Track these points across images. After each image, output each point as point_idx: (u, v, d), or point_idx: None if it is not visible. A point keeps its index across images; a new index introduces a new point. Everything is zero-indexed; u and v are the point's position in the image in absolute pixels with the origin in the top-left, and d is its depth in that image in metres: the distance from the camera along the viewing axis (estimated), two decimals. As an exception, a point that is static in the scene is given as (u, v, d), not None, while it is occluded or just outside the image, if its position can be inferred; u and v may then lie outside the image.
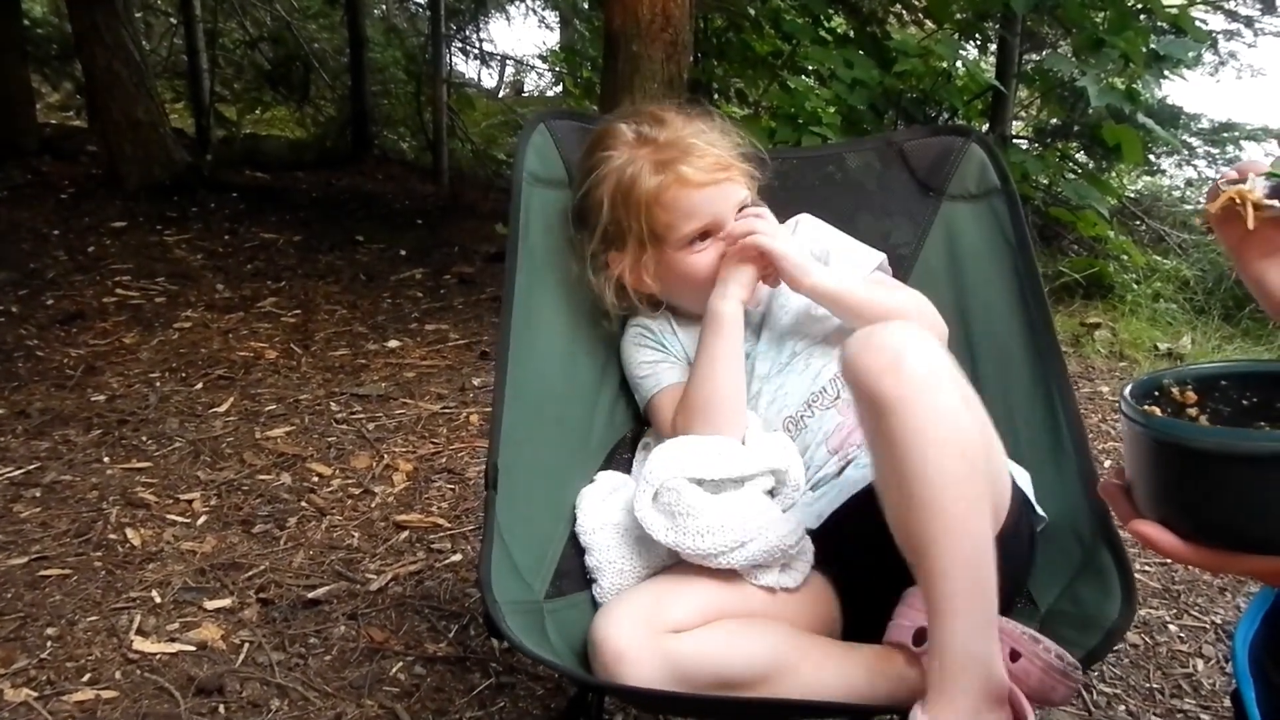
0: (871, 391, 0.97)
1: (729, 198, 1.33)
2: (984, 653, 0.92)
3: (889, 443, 0.96)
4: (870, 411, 0.98)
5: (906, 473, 0.95)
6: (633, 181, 1.32)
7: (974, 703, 0.91)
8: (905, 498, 0.96)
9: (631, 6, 2.85)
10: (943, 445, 0.95)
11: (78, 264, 3.84)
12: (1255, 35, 5.22)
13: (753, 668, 1.03)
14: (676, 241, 1.33)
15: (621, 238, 1.35)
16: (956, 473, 0.95)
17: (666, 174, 1.30)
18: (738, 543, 1.12)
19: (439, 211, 5.18)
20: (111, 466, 2.26)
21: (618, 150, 1.35)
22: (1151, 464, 0.67)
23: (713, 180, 1.32)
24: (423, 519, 2.09)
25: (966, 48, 4.79)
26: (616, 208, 1.34)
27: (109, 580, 1.81)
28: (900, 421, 0.94)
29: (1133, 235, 4.97)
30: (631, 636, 1.04)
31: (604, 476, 1.35)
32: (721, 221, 1.33)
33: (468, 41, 7.52)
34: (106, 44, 4.66)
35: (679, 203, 1.31)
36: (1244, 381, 0.74)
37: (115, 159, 4.85)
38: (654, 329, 1.43)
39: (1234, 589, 1.94)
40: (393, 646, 1.66)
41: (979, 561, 0.94)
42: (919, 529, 0.95)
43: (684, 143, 1.32)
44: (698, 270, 1.34)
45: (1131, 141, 3.67)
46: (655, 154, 1.32)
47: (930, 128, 1.53)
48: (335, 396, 2.71)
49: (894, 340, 0.99)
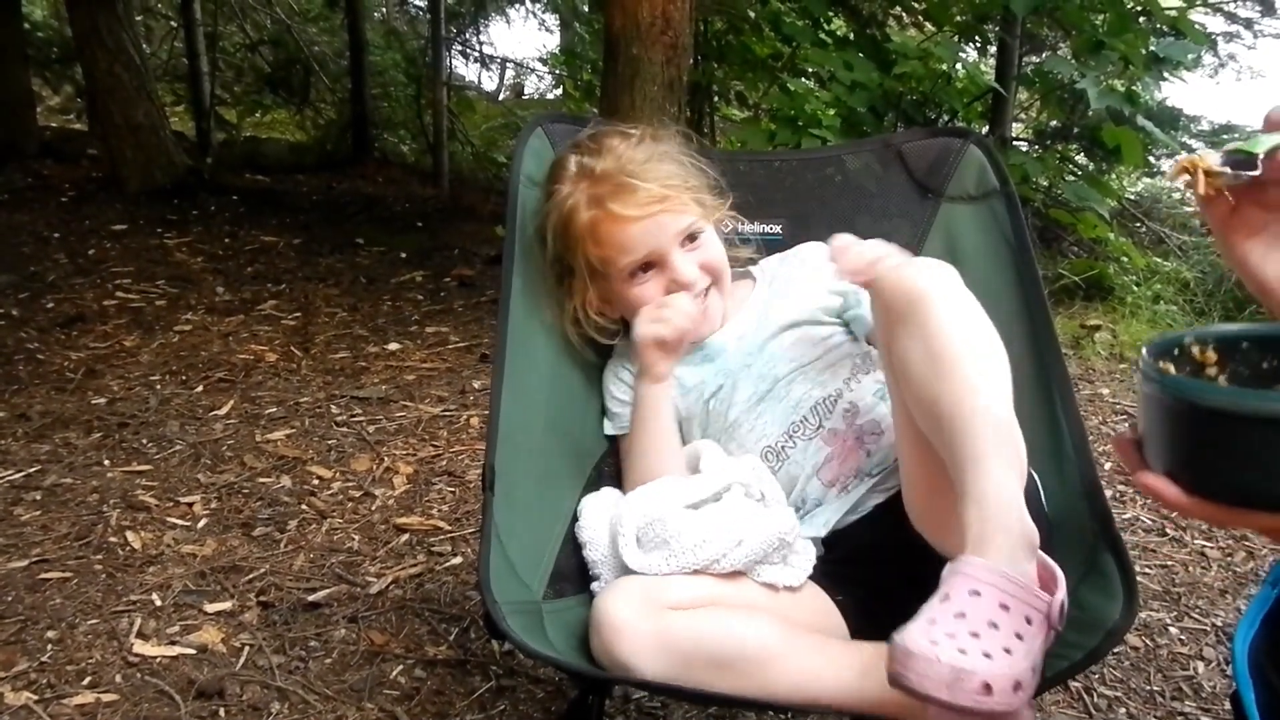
0: (914, 287, 1.06)
1: (665, 229, 1.33)
2: (1017, 501, 0.93)
3: (926, 328, 1.03)
4: (904, 306, 1.06)
5: (945, 348, 1.01)
6: (570, 216, 1.34)
7: (1013, 545, 0.90)
8: (936, 370, 1.01)
9: (631, 9, 2.85)
10: (974, 322, 1.05)
11: (78, 267, 3.84)
12: (1255, 37, 5.22)
13: (745, 649, 1.03)
14: (617, 275, 1.35)
15: (570, 274, 1.38)
16: (987, 347, 1.04)
17: (598, 209, 1.32)
18: (735, 541, 1.13)
19: (439, 214, 5.18)
20: (112, 469, 2.26)
21: (562, 184, 1.37)
22: (1162, 420, 0.69)
23: (646, 214, 1.32)
24: (423, 522, 2.09)
25: (966, 50, 4.80)
26: (558, 241, 1.37)
27: (109, 583, 1.81)
28: (942, 308, 1.04)
29: (1133, 237, 4.97)
30: (630, 611, 1.05)
31: (607, 491, 1.35)
32: (662, 253, 1.33)
33: (468, 44, 7.53)
34: (107, 47, 4.67)
35: (612, 238, 1.33)
36: (1265, 344, 0.75)
37: (116, 162, 4.85)
38: (630, 365, 1.42)
39: (1234, 591, 1.94)
40: (393, 649, 1.66)
41: (1008, 420, 0.99)
42: (949, 394, 0.99)
43: (618, 177, 1.33)
44: (641, 303, 1.35)
45: (1131, 143, 3.67)
46: (590, 188, 1.34)
47: (929, 129, 1.53)
48: (335, 399, 2.71)
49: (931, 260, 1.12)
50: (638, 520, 1.16)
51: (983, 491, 0.93)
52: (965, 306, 1.06)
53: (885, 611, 1.10)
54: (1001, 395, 1.01)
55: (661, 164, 1.36)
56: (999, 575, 0.87)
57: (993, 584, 0.87)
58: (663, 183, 1.34)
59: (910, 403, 1.06)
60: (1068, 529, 1.15)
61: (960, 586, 0.87)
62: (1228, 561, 2.05)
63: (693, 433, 1.40)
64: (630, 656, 1.02)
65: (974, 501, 0.93)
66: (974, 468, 0.94)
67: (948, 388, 0.99)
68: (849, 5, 4.33)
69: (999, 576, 0.87)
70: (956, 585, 0.87)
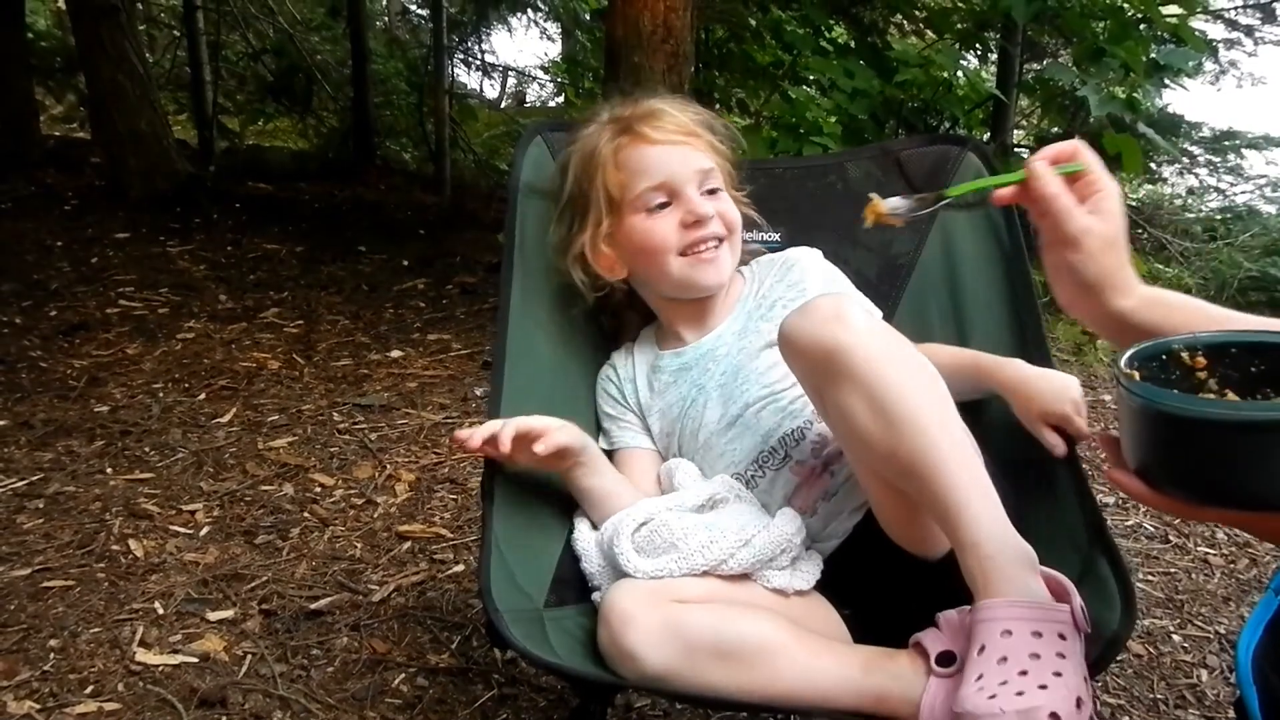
0: (824, 344, 1.05)
1: (688, 162, 1.33)
2: (1007, 529, 0.97)
3: (856, 381, 1.02)
4: (824, 365, 1.05)
5: (884, 398, 1.01)
6: (593, 148, 1.35)
7: (1018, 572, 0.94)
8: (889, 423, 1.01)
9: (633, 18, 2.86)
10: (906, 363, 1.05)
11: (81, 275, 3.84)
12: (1255, 44, 5.24)
13: (750, 642, 1.03)
14: (632, 203, 1.33)
15: (584, 211, 1.36)
16: (925, 384, 1.04)
17: (624, 135, 1.34)
18: (741, 542, 1.13)
19: (441, 222, 5.19)
20: (114, 477, 2.26)
21: (589, 126, 1.39)
22: (1129, 421, 0.74)
23: (670, 140, 1.33)
24: (425, 529, 2.09)
25: (967, 57, 4.80)
26: (579, 179, 1.36)
27: (112, 592, 1.81)
28: (863, 357, 1.02)
29: (1134, 244, 4.95)
30: (638, 602, 1.05)
31: None
32: (678, 185, 1.32)
33: (470, 53, 7.55)
34: (110, 56, 4.68)
35: (631, 160, 1.33)
36: (1253, 350, 0.79)
37: (118, 170, 4.86)
38: (619, 371, 1.44)
39: (1238, 598, 1.94)
40: (395, 658, 1.66)
41: (972, 459, 1.01)
42: (911, 446, 1.00)
43: (649, 109, 1.35)
44: (653, 237, 1.33)
45: (1132, 150, 3.67)
46: (618, 122, 1.36)
47: (927, 136, 1.54)
48: (338, 407, 2.71)
49: (828, 302, 1.09)
50: (633, 526, 1.15)
51: (974, 539, 0.96)
52: (882, 345, 1.05)
53: (885, 623, 1.10)
54: (952, 424, 1.02)
55: (697, 114, 1.39)
56: (1021, 608, 0.91)
57: (1019, 618, 0.90)
58: (693, 122, 1.36)
59: (862, 452, 1.07)
60: (1062, 538, 1.15)
61: (991, 632, 0.91)
62: (1231, 568, 2.05)
63: (670, 447, 1.40)
64: (636, 644, 1.02)
65: (970, 549, 0.96)
66: (958, 517, 0.97)
67: (904, 442, 1.00)
68: (850, 13, 4.33)
69: (1021, 609, 0.91)
70: (987, 632, 0.91)
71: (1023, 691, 0.85)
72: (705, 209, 1.33)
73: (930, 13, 4.22)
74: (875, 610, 1.18)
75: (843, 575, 1.21)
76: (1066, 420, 1.18)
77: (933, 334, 1.44)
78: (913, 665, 1.01)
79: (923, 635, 1.03)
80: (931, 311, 1.48)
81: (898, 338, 1.08)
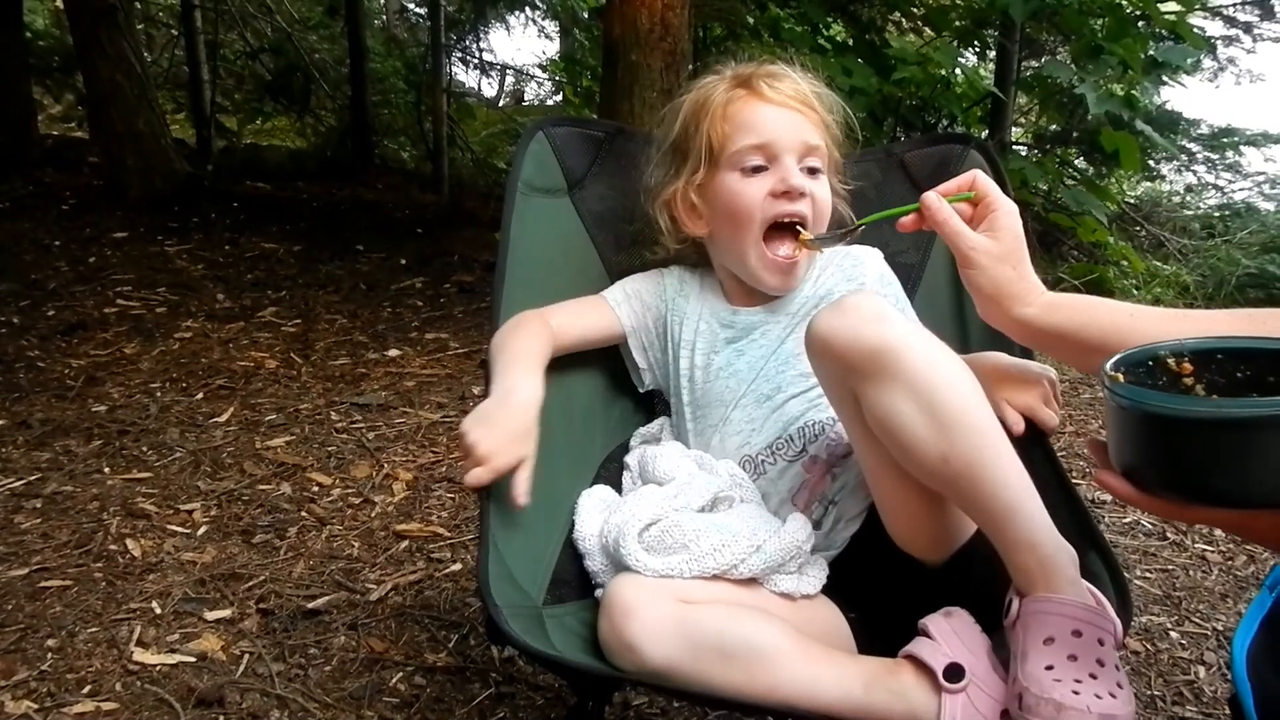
0: (868, 343, 1.02)
1: (797, 131, 1.29)
2: (1055, 532, 0.99)
3: (905, 382, 1.00)
4: (868, 365, 1.02)
5: (937, 400, 0.99)
6: (706, 97, 1.32)
7: (1074, 575, 0.97)
8: (942, 425, 0.99)
9: (630, 16, 2.86)
10: (952, 364, 1.03)
11: (79, 274, 3.84)
12: (1254, 41, 5.24)
13: (753, 643, 1.02)
14: (729, 159, 1.29)
15: (684, 157, 1.33)
16: (973, 386, 1.02)
17: (740, 88, 1.30)
18: (753, 548, 1.11)
19: (439, 221, 5.19)
20: (112, 477, 2.26)
21: (709, 79, 1.35)
22: (1114, 423, 0.75)
23: (783, 103, 1.28)
24: (423, 528, 2.09)
25: (965, 55, 4.80)
26: (687, 124, 1.33)
27: (109, 591, 1.81)
28: (910, 356, 1.01)
29: (1132, 241, 4.98)
30: (642, 595, 1.04)
31: (599, 489, 1.33)
32: (778, 150, 1.27)
33: (468, 51, 7.55)
34: (108, 56, 4.68)
35: (741, 114, 1.29)
36: (1238, 356, 0.80)
37: (116, 170, 4.86)
38: (685, 281, 1.42)
39: (1235, 595, 1.94)
40: (392, 657, 1.66)
41: (1018, 460, 1.01)
42: (965, 448, 0.99)
43: (772, 70, 1.32)
44: (740, 199, 1.28)
45: (1130, 148, 3.68)
46: (738, 77, 1.33)
47: (929, 136, 1.53)
48: (335, 406, 2.71)
49: (870, 300, 1.07)
50: (639, 527, 1.14)
51: (1031, 538, 0.97)
52: (927, 345, 1.04)
53: (890, 626, 1.10)
54: (999, 429, 1.02)
55: (821, 90, 1.35)
56: (1091, 613, 0.94)
57: (1089, 621, 0.93)
58: (812, 94, 1.32)
59: (902, 458, 1.04)
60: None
61: (1062, 628, 0.93)
62: (1228, 565, 2.05)
63: (683, 395, 1.37)
64: (638, 636, 1.01)
65: (1026, 549, 0.97)
66: (1013, 517, 0.98)
67: (958, 446, 0.99)
68: (848, 11, 4.33)
69: (1091, 614, 0.94)
70: (1057, 625, 0.93)
71: (1100, 695, 0.87)
72: (799, 181, 1.27)
73: (928, 10, 4.22)
74: (880, 613, 1.18)
75: (845, 580, 1.21)
76: (1030, 410, 1.19)
77: (945, 337, 1.44)
78: (917, 682, 0.99)
79: (917, 647, 1.01)
80: (943, 314, 1.48)
81: (937, 340, 1.06)
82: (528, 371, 1.23)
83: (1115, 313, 0.99)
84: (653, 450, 1.33)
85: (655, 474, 1.27)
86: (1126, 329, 0.96)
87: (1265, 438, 0.67)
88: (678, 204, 1.34)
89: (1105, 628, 0.94)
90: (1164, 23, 3.73)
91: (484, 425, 1.15)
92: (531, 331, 1.29)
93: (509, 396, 1.20)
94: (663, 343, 1.41)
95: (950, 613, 1.03)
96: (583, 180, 1.50)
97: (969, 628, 1.01)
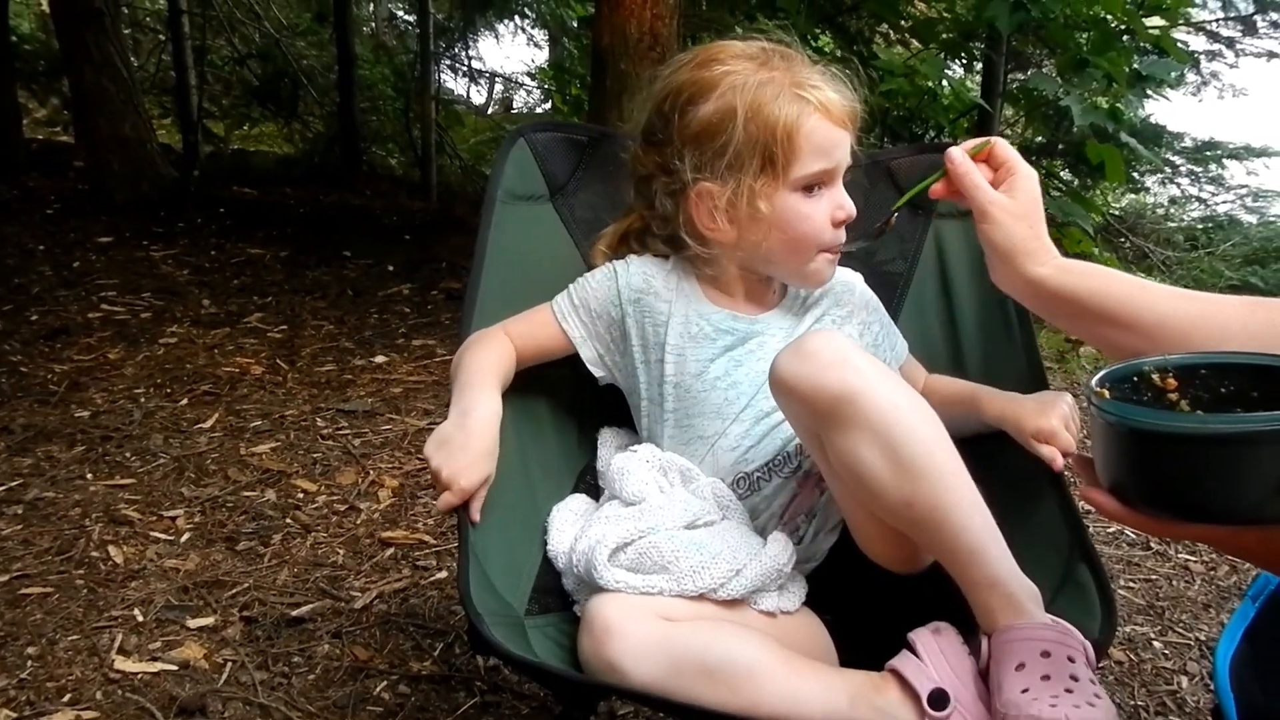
0: (830, 390, 1.01)
1: (848, 152, 1.24)
2: (1019, 570, 1.01)
3: (868, 430, 1.00)
4: (831, 412, 1.02)
5: (901, 447, 0.99)
6: (772, 99, 1.19)
7: (1036, 606, 0.99)
8: (906, 472, 0.99)
9: (619, 26, 2.87)
10: (915, 410, 1.02)
11: (63, 279, 3.82)
12: (1237, 56, 5.29)
13: (736, 661, 1.01)
14: (796, 180, 1.21)
15: (738, 162, 1.21)
16: (937, 432, 1.02)
17: (805, 100, 1.19)
18: (732, 571, 1.10)
19: (427, 227, 5.18)
20: (95, 483, 2.24)
21: (741, 67, 1.22)
22: (1100, 439, 0.75)
23: (844, 124, 1.23)
24: (408, 535, 2.08)
25: (952, 67, 4.83)
26: (749, 124, 1.19)
27: (90, 599, 1.79)
28: (872, 403, 1.00)
29: (1117, 252, 5.01)
30: (624, 614, 1.03)
31: (573, 500, 1.31)
32: (837, 174, 1.24)
33: (456, 59, 7.56)
34: (94, 60, 4.66)
35: (816, 134, 1.20)
36: (1222, 371, 0.80)
37: (102, 174, 4.84)
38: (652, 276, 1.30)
39: (1218, 605, 1.95)
40: (377, 665, 1.65)
41: (981, 502, 1.02)
42: (929, 495, 1.00)
43: (823, 75, 1.23)
44: (808, 218, 1.22)
45: (1114, 160, 3.70)
46: (791, 77, 1.21)
47: (917, 145, 1.53)
48: (321, 412, 2.70)
49: (831, 342, 1.05)
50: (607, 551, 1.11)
51: (994, 579, 0.99)
52: (890, 391, 1.02)
53: (865, 630, 1.10)
54: (961, 469, 1.02)
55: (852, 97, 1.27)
56: (1055, 632, 0.96)
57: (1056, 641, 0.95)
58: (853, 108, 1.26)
59: (869, 498, 1.04)
60: (1043, 543, 1.16)
61: (1031, 651, 0.94)
62: (1211, 575, 2.06)
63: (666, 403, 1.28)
64: (619, 656, 0.99)
65: (988, 588, 1.00)
66: (975, 559, 1.00)
67: (920, 491, 1.00)
68: (836, 22, 4.36)
69: (1056, 633, 0.96)
70: (1026, 650, 0.94)
71: (1079, 705, 0.88)
72: (851, 207, 1.24)
73: (916, 23, 4.25)
74: (862, 621, 1.18)
75: (825, 590, 1.21)
76: (1053, 435, 1.18)
77: (934, 347, 1.44)
78: (902, 701, 0.98)
79: (902, 665, 1.01)
80: (932, 324, 1.47)
81: (901, 381, 1.06)
82: (484, 389, 1.21)
83: (1126, 284, 1.00)
84: (620, 463, 1.26)
85: (623, 492, 1.22)
86: (1137, 299, 0.98)
87: (1250, 452, 0.67)
88: (717, 204, 1.23)
89: (1072, 645, 0.95)
90: (1148, 37, 3.77)
91: (445, 449, 1.14)
92: (489, 348, 1.27)
93: (466, 417, 1.18)
94: (623, 346, 1.32)
95: (939, 629, 1.03)
96: (566, 186, 1.47)
97: (956, 648, 1.01)
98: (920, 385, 1.38)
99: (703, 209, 1.24)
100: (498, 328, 1.31)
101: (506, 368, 1.27)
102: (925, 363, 1.42)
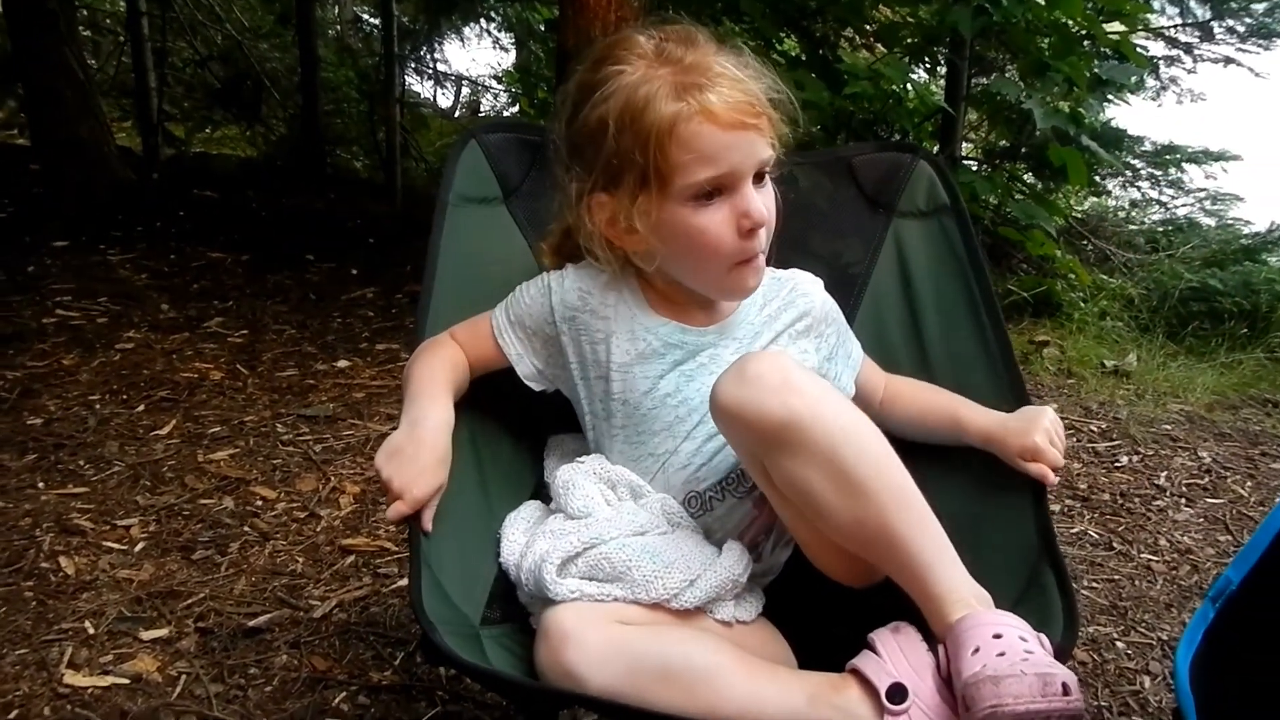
0: (774, 416, 1.00)
1: (753, 152, 1.12)
2: (970, 579, 1.00)
3: (813, 454, 1.00)
4: (775, 437, 1.01)
5: (848, 471, 0.99)
6: (645, 104, 1.09)
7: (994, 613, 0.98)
8: (854, 495, 0.99)
9: (584, 28, 2.85)
10: (861, 432, 1.02)
11: (16, 284, 3.73)
12: (1195, 62, 5.36)
13: (693, 663, 0.99)
14: (682, 190, 1.11)
15: (618, 174, 1.13)
16: (883, 451, 1.02)
17: (689, 102, 1.08)
18: (687, 581, 1.08)
19: (392, 230, 5.13)
20: (46, 492, 2.19)
21: (631, 65, 1.12)
22: None
23: (740, 124, 1.10)
24: (369, 543, 2.05)
25: (916, 71, 4.86)
26: (622, 134, 1.10)
27: (40, 611, 1.75)
28: (817, 427, 0.99)
29: (1079, 255, 5.06)
30: (581, 620, 1.01)
31: (528, 507, 1.28)
32: (739, 177, 1.12)
33: (422, 62, 7.50)
34: (48, 63, 4.57)
35: (698, 140, 1.09)
36: None
37: (57, 178, 4.74)
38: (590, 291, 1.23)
39: (1180, 605, 1.96)
40: (336, 675, 1.62)
41: (931, 518, 1.01)
42: (878, 516, 0.99)
43: (713, 70, 1.11)
44: (703, 231, 1.12)
45: (1076, 163, 3.74)
46: (677, 75, 1.10)
47: (877, 144, 1.51)
48: (282, 418, 2.65)
49: (774, 365, 1.03)
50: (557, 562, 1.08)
51: (944, 593, 0.99)
52: (835, 413, 1.00)
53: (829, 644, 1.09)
54: (910, 487, 1.02)
55: (760, 79, 1.15)
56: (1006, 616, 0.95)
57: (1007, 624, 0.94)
58: (767, 95, 1.14)
59: (817, 520, 1.04)
60: (1010, 547, 1.15)
61: (984, 635, 0.93)
62: (1173, 575, 2.08)
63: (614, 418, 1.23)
64: (576, 664, 0.98)
65: (939, 600, 0.99)
66: (927, 576, 0.99)
67: (870, 511, 1.00)
68: (801, 26, 4.36)
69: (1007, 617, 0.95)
70: (979, 636, 0.93)
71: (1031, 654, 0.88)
72: (762, 213, 1.13)
73: (880, 27, 4.26)
74: (813, 629, 1.17)
75: (779, 599, 1.20)
76: (1040, 452, 1.17)
77: (894, 348, 1.43)
78: (861, 698, 0.97)
79: (862, 663, 1.00)
80: (890, 323, 1.45)
81: (846, 401, 1.04)
82: (434, 398, 1.18)
83: None
84: (566, 475, 1.22)
85: (568, 506, 1.18)
86: None
87: None
88: (607, 228, 1.18)
89: (1020, 626, 0.94)
90: (1108, 42, 3.81)
91: (395, 459, 1.12)
92: (438, 356, 1.25)
93: (416, 427, 1.15)
94: (560, 359, 1.26)
95: (898, 628, 1.02)
96: (520, 187, 1.44)
97: (915, 645, 1.00)
98: (880, 389, 1.37)
99: (601, 220, 1.17)
100: (446, 335, 1.29)
101: (458, 375, 1.25)
102: (884, 363, 1.40)
